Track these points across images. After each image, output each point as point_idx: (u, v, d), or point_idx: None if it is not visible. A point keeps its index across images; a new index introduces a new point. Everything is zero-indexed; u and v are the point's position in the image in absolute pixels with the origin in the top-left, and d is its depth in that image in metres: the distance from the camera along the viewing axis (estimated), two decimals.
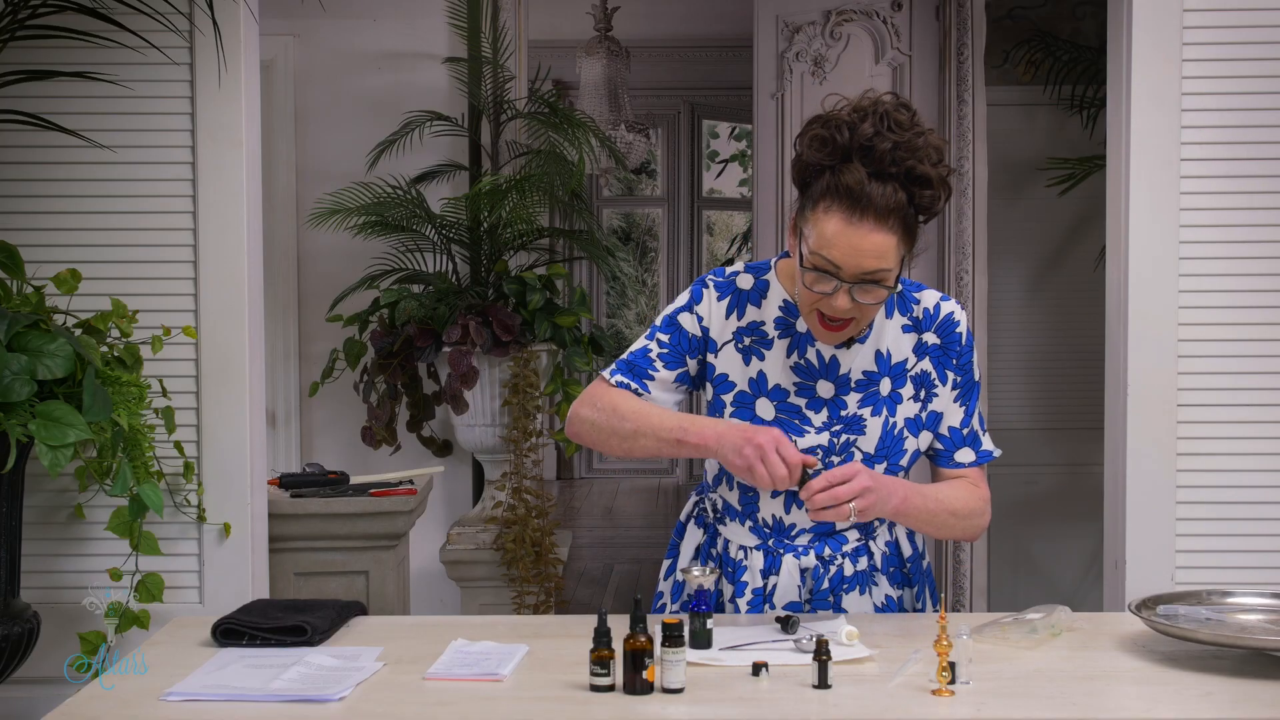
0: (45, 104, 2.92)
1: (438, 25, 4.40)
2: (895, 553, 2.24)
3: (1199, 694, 1.80)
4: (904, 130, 1.94)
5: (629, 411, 2.10)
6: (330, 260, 4.40)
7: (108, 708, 1.77)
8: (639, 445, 2.09)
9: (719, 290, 2.17)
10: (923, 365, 2.15)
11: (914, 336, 2.15)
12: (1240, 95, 2.98)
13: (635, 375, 2.16)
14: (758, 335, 2.15)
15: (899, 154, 1.92)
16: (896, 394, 2.14)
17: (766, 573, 2.18)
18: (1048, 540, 5.17)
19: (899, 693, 1.79)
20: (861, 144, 1.93)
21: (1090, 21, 5.07)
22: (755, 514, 2.18)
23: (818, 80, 4.61)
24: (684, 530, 2.30)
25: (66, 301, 2.86)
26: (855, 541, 2.19)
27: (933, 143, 1.96)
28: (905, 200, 1.94)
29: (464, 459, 4.44)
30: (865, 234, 1.93)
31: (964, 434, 2.18)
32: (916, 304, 2.16)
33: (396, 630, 2.16)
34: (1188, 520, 3.00)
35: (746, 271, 2.18)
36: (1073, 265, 5.08)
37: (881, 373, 2.14)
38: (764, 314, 2.15)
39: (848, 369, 2.13)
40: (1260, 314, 2.99)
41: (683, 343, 2.17)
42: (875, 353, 2.14)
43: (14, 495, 2.76)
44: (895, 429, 2.13)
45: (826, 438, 2.12)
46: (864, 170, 1.92)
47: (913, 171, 1.93)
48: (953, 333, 2.16)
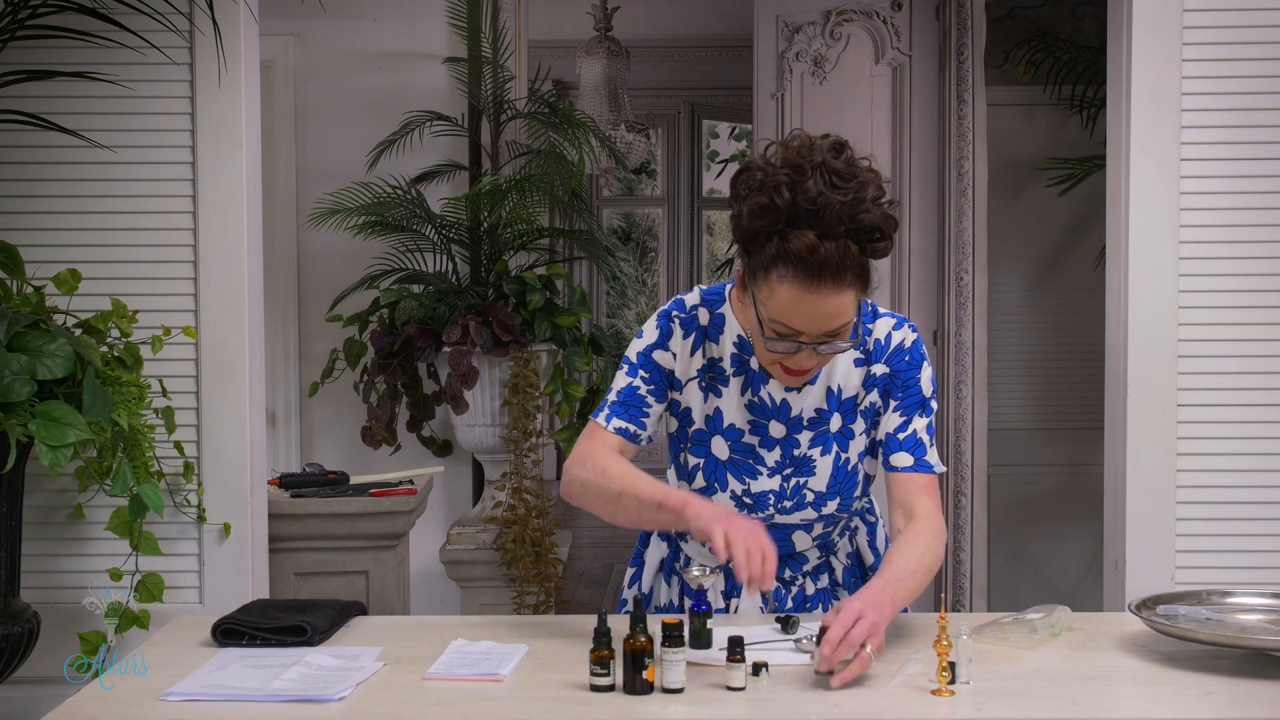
0: (45, 104, 2.92)
1: (438, 25, 4.40)
2: (857, 563, 2.24)
3: (1199, 694, 1.80)
4: (846, 182, 1.86)
5: (617, 474, 2.04)
6: (330, 260, 4.40)
7: (108, 708, 1.77)
8: (622, 509, 2.03)
9: (683, 326, 2.12)
10: (871, 398, 2.11)
11: (864, 370, 2.11)
12: (1240, 95, 2.98)
13: (631, 415, 2.11)
14: (716, 371, 2.12)
15: (848, 211, 1.85)
16: (848, 429, 2.12)
17: (728, 594, 2.18)
18: (1048, 540, 5.17)
19: (899, 693, 1.79)
20: (806, 208, 1.85)
21: (1090, 21, 5.07)
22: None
23: (818, 80, 4.61)
24: (648, 539, 2.30)
25: (66, 301, 2.86)
26: (816, 560, 2.20)
27: (874, 184, 1.89)
28: (857, 252, 1.88)
29: (464, 459, 4.44)
30: (825, 298, 1.88)
31: (899, 439, 2.10)
32: (869, 335, 2.11)
33: (396, 630, 2.16)
34: (1188, 520, 3.00)
35: (703, 304, 2.13)
36: (1073, 265, 5.08)
37: (831, 410, 2.11)
38: (721, 350, 2.12)
39: (799, 410, 2.10)
40: (1260, 314, 2.99)
41: (661, 379, 2.13)
42: (826, 390, 2.10)
43: (14, 495, 2.76)
44: (848, 465, 2.12)
45: (778, 482, 2.11)
46: (813, 234, 1.85)
47: (861, 224, 1.86)
48: (900, 361, 2.10)
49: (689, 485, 2.14)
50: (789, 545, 2.16)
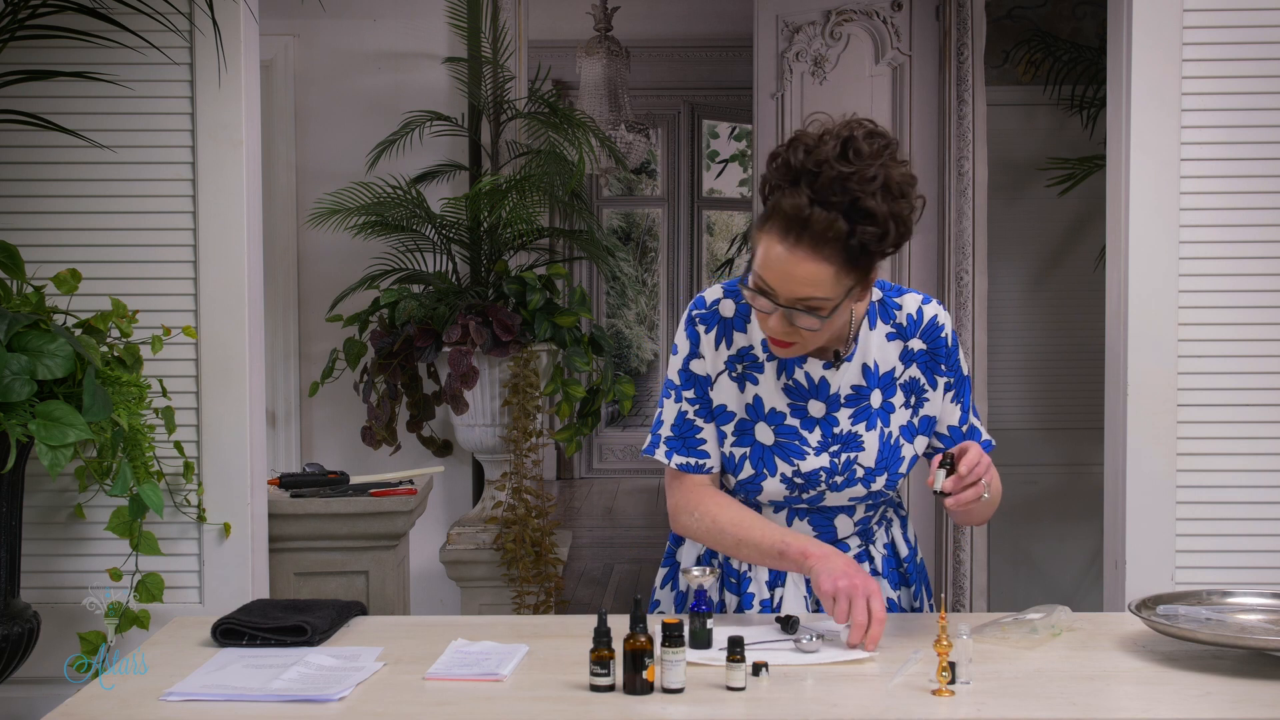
0: (45, 104, 2.92)
1: (438, 25, 4.40)
2: (892, 554, 2.25)
3: (1199, 694, 1.80)
4: (861, 159, 1.87)
5: (728, 523, 2.11)
6: (330, 260, 4.40)
7: (108, 708, 1.77)
8: (742, 554, 2.12)
9: (705, 323, 2.13)
10: (911, 372, 2.14)
11: (899, 344, 2.13)
12: (1240, 95, 2.98)
13: (688, 448, 2.15)
14: (748, 360, 2.13)
15: (847, 184, 1.86)
16: (889, 404, 2.13)
17: (772, 584, 2.18)
18: (1048, 540, 5.17)
19: (899, 693, 1.79)
20: (810, 169, 1.87)
21: (1090, 21, 5.08)
22: None
23: (818, 80, 4.61)
24: (683, 540, 2.29)
25: (66, 301, 2.86)
26: (856, 549, 2.20)
27: (894, 177, 1.89)
28: (845, 231, 1.87)
29: (464, 459, 4.44)
30: (799, 260, 1.89)
31: (963, 430, 2.18)
32: (899, 309, 2.14)
33: (396, 630, 2.16)
34: (1188, 520, 3.00)
35: (726, 296, 2.14)
36: (1073, 265, 5.08)
37: (870, 385, 2.12)
38: (750, 338, 2.13)
39: (837, 387, 2.11)
40: (1260, 314, 2.99)
41: (704, 390, 2.14)
42: (862, 366, 2.12)
43: (14, 495, 2.76)
44: (891, 439, 2.13)
45: (827, 459, 2.11)
46: (806, 195, 1.87)
47: (858, 204, 1.87)
48: (938, 337, 2.14)
49: (735, 476, 2.15)
50: (832, 531, 2.17)
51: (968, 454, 1.96)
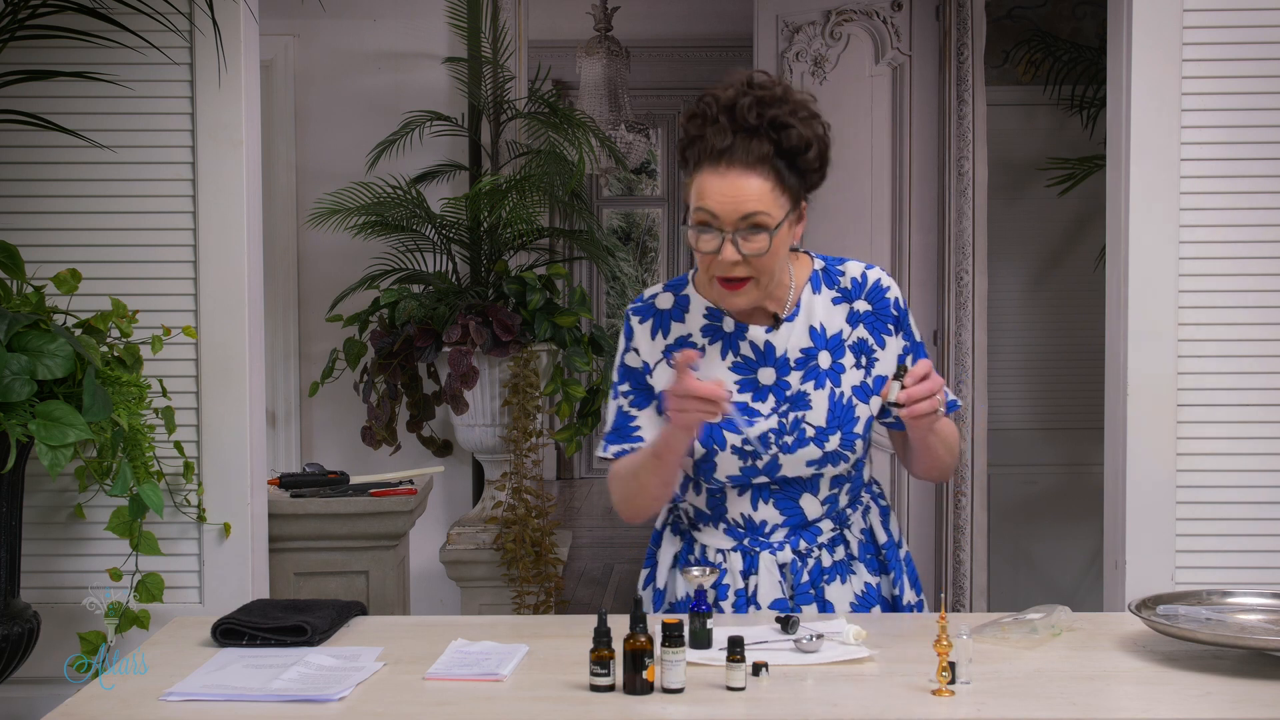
0: (45, 104, 2.92)
1: (438, 25, 4.40)
2: (870, 540, 2.26)
3: (1199, 694, 1.80)
4: (766, 89, 2.02)
5: (624, 470, 2.18)
6: (330, 260, 4.40)
7: (108, 708, 1.77)
8: (648, 485, 2.15)
9: (640, 315, 2.21)
10: (858, 333, 2.18)
11: (845, 306, 2.19)
12: (1240, 95, 2.98)
13: (624, 437, 2.20)
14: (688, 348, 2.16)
15: (761, 108, 2.00)
16: (838, 364, 2.17)
17: (746, 573, 2.19)
18: (1048, 540, 5.17)
19: (899, 692, 1.79)
20: (724, 106, 2.01)
21: (1090, 21, 5.08)
22: (725, 515, 2.20)
23: (818, 80, 4.61)
24: (660, 539, 2.32)
25: (66, 301, 2.86)
26: (829, 533, 2.21)
27: (798, 99, 2.05)
28: (771, 149, 2.00)
29: (464, 459, 4.44)
30: (734, 179, 2.00)
31: None
32: (842, 275, 2.20)
33: (396, 630, 2.16)
34: (1188, 520, 3.00)
35: (665, 291, 2.23)
36: (1073, 265, 5.08)
37: (819, 346, 2.17)
38: (689, 326, 2.19)
39: (784, 350, 2.16)
40: (1260, 314, 2.99)
41: (640, 380, 2.20)
42: (809, 328, 2.17)
43: (14, 495, 2.76)
44: (843, 399, 2.15)
45: (775, 420, 2.14)
46: (728, 127, 2.00)
47: (775, 120, 2.00)
48: (883, 298, 2.19)
49: (692, 459, 2.17)
50: (800, 513, 2.18)
51: (918, 363, 2.04)
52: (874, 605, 2.22)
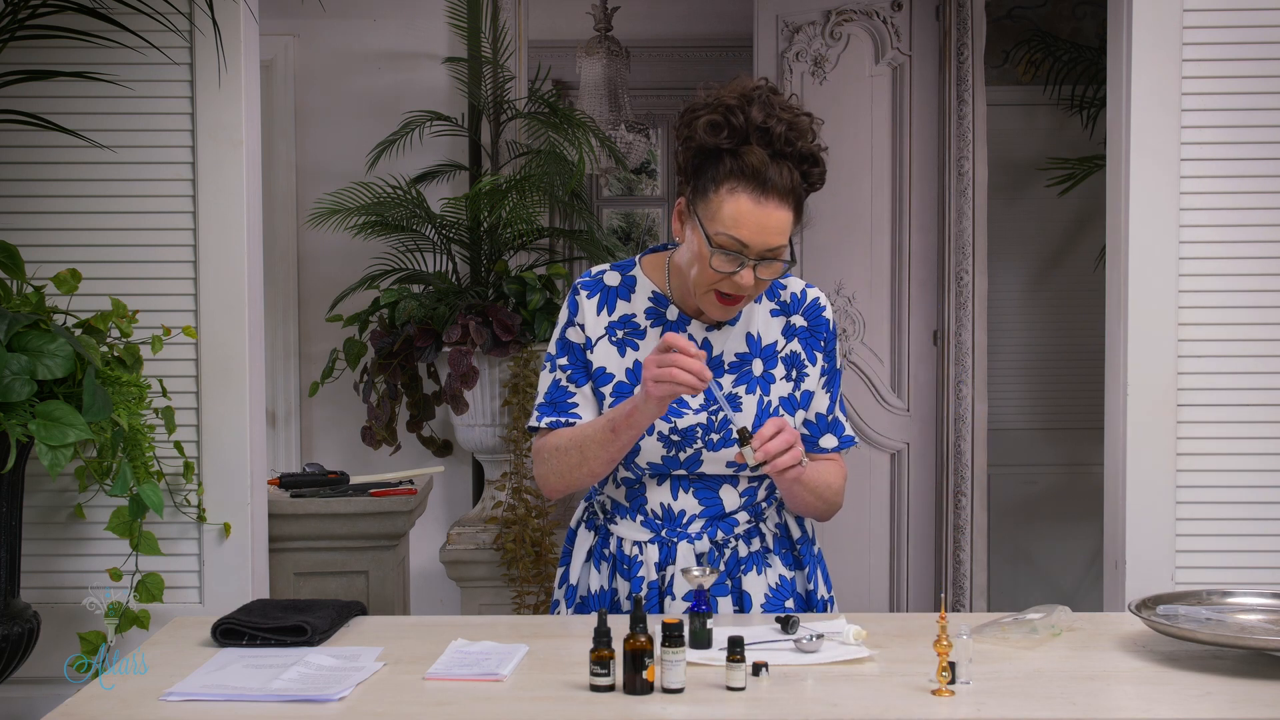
0: (45, 104, 2.92)
1: (438, 25, 4.40)
2: (785, 534, 2.28)
3: (1199, 694, 1.80)
4: (789, 112, 2.07)
5: (566, 442, 2.17)
6: (330, 260, 4.40)
7: (108, 708, 1.77)
8: (591, 461, 2.15)
9: (588, 290, 2.25)
10: (792, 347, 2.23)
11: (783, 320, 2.24)
12: (1240, 95, 2.98)
13: (558, 410, 2.21)
14: (630, 328, 2.22)
15: (791, 135, 2.04)
16: (769, 374, 2.21)
17: (662, 565, 2.20)
18: (1048, 540, 5.18)
19: (899, 692, 1.79)
20: (757, 127, 2.03)
21: (1090, 21, 5.08)
22: (644, 506, 2.21)
23: (818, 80, 4.61)
24: (575, 536, 2.32)
25: (66, 301, 2.86)
26: (746, 524, 2.23)
27: (808, 123, 2.10)
28: (800, 179, 2.06)
29: (464, 459, 4.44)
30: (770, 212, 2.03)
31: (828, 420, 2.27)
32: (783, 289, 2.26)
33: (396, 630, 2.16)
34: (1188, 520, 3.00)
35: (612, 270, 2.27)
36: (1073, 265, 5.09)
37: (753, 354, 2.21)
38: (634, 307, 2.23)
39: (720, 351, 2.20)
40: (1260, 314, 2.99)
41: (578, 358, 2.22)
42: (746, 335, 2.21)
43: (14, 495, 2.76)
44: (770, 407, 2.19)
45: (705, 416, 2.16)
46: (764, 152, 2.02)
47: (802, 151, 2.06)
48: (819, 316, 2.25)
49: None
50: (718, 503, 2.21)
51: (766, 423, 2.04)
52: (788, 598, 2.25)
